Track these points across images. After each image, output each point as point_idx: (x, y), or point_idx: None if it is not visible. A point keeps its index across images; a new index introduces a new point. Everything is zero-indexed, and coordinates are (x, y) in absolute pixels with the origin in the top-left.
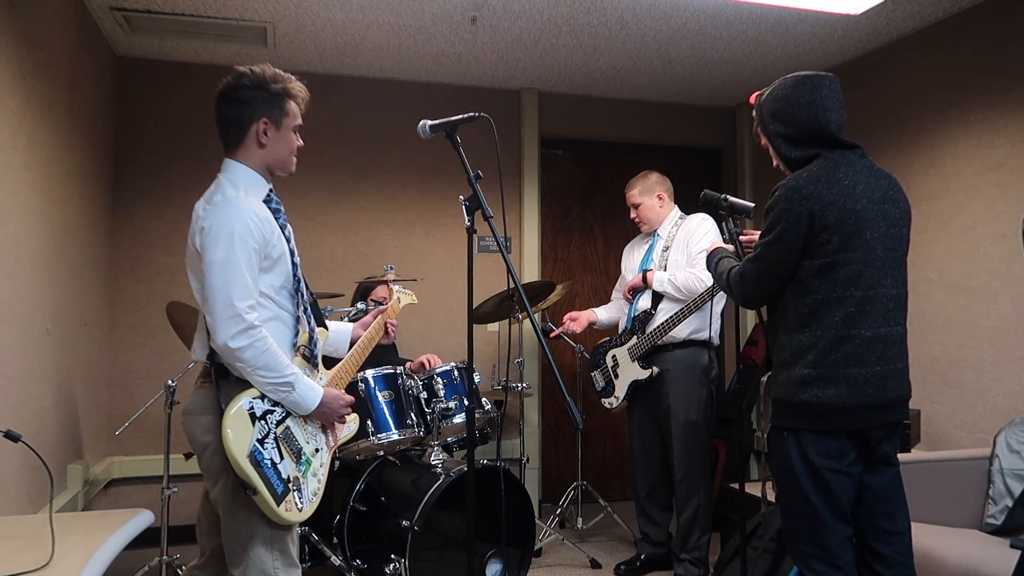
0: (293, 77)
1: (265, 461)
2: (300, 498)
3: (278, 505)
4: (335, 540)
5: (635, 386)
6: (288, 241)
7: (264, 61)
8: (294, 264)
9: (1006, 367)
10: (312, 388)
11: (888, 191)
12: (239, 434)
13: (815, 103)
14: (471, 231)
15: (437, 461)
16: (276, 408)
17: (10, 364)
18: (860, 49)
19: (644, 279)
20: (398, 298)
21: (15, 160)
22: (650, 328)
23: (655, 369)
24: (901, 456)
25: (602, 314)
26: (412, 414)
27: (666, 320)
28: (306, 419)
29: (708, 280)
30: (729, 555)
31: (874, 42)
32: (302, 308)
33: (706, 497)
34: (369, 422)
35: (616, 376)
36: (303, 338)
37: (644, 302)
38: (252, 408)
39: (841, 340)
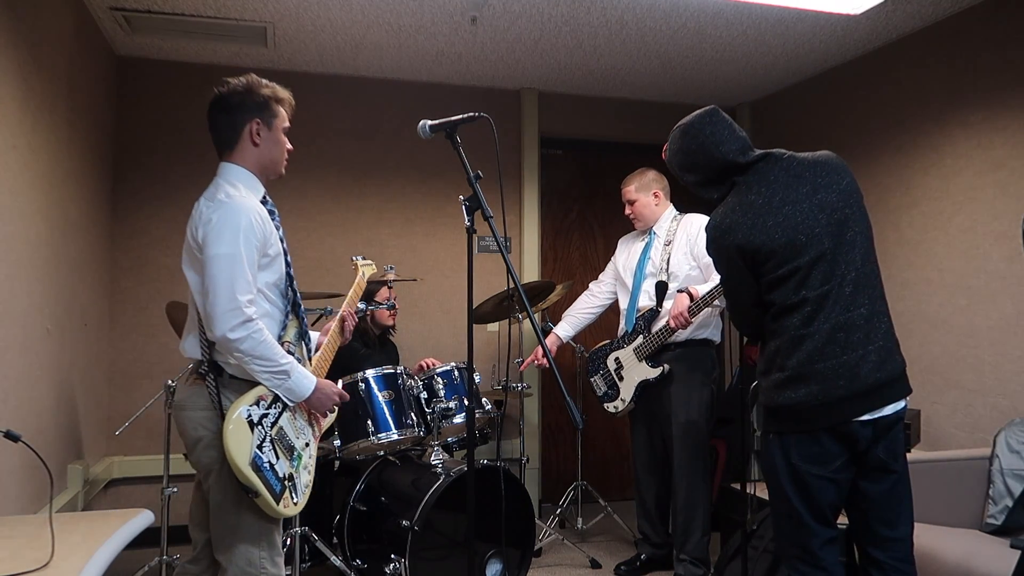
0: (278, 85)
1: (264, 465)
2: (295, 493)
3: (277, 503)
4: (335, 540)
5: (643, 386)
6: (282, 242)
7: (264, 61)
8: (287, 264)
9: (1006, 367)
10: (306, 376)
11: (816, 180)
12: (240, 443)
13: (705, 144)
14: (471, 231)
15: (437, 461)
16: (270, 411)
17: (10, 364)
18: (860, 49)
19: (689, 295)
20: (362, 272)
21: (15, 160)
22: (657, 326)
23: (666, 367)
24: None
25: (563, 331)
26: (412, 414)
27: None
28: (295, 415)
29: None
30: (729, 555)
31: (874, 42)
32: (291, 306)
33: (706, 497)
34: (369, 422)
35: (621, 379)
36: (290, 334)
37: (646, 301)
38: (250, 416)
39: (801, 339)
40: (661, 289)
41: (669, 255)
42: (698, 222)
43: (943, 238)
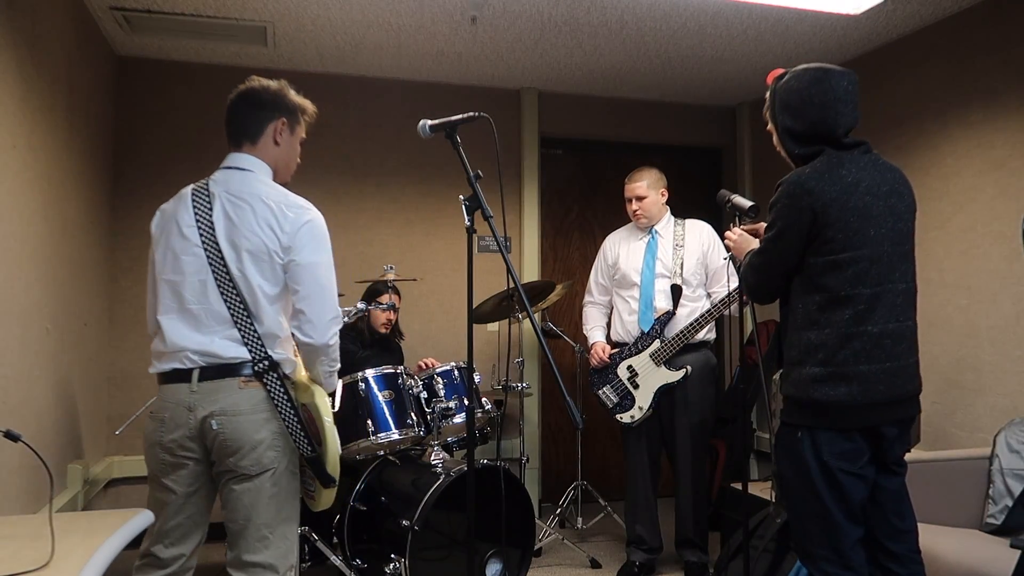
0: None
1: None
2: None
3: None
4: (335, 540)
5: (662, 391)
6: None
7: (264, 61)
8: None
9: (1006, 367)
10: None
11: (894, 185)
12: (335, 434)
13: (828, 104)
14: (471, 231)
15: (437, 461)
16: None
17: (10, 364)
18: (860, 49)
19: None
20: None
21: (15, 160)
22: (673, 331)
23: (688, 368)
24: None
25: (602, 335)
26: (412, 414)
27: (694, 321)
28: None
29: None
30: (730, 554)
31: (874, 42)
32: None
33: (707, 495)
34: (369, 422)
35: (636, 387)
36: None
37: (663, 302)
38: (331, 405)
39: (850, 337)
40: (677, 293)
41: (682, 260)
42: (707, 230)
43: (943, 238)
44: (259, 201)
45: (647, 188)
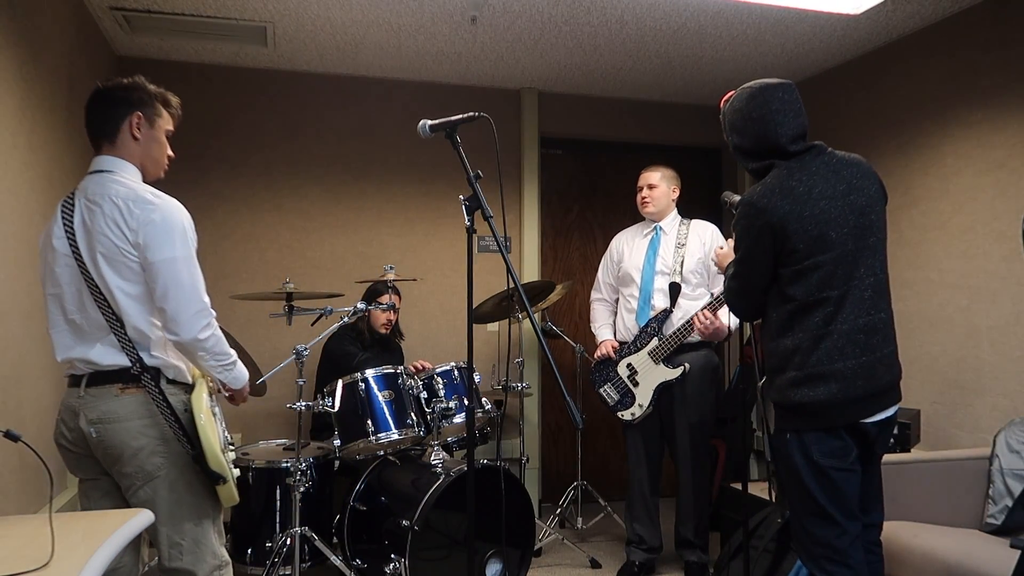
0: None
1: (228, 454)
2: (234, 479)
3: (235, 486)
4: (335, 540)
5: (662, 388)
6: None
7: (264, 61)
8: None
9: (1006, 367)
10: (241, 363)
11: (852, 181)
12: (213, 433)
13: (766, 117)
14: (471, 231)
15: (437, 461)
16: (214, 403)
17: (10, 363)
18: (860, 49)
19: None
20: None
21: (15, 160)
22: (671, 328)
23: (687, 365)
24: (901, 456)
25: (610, 332)
26: (412, 414)
27: (690, 319)
28: (217, 405)
29: None
30: (730, 554)
31: (874, 42)
32: None
33: (707, 495)
34: (369, 422)
35: (636, 384)
36: None
37: (661, 301)
38: (212, 406)
39: (821, 338)
40: (675, 291)
41: (683, 258)
42: (712, 230)
43: (943, 238)
44: (108, 201)
45: (659, 179)
